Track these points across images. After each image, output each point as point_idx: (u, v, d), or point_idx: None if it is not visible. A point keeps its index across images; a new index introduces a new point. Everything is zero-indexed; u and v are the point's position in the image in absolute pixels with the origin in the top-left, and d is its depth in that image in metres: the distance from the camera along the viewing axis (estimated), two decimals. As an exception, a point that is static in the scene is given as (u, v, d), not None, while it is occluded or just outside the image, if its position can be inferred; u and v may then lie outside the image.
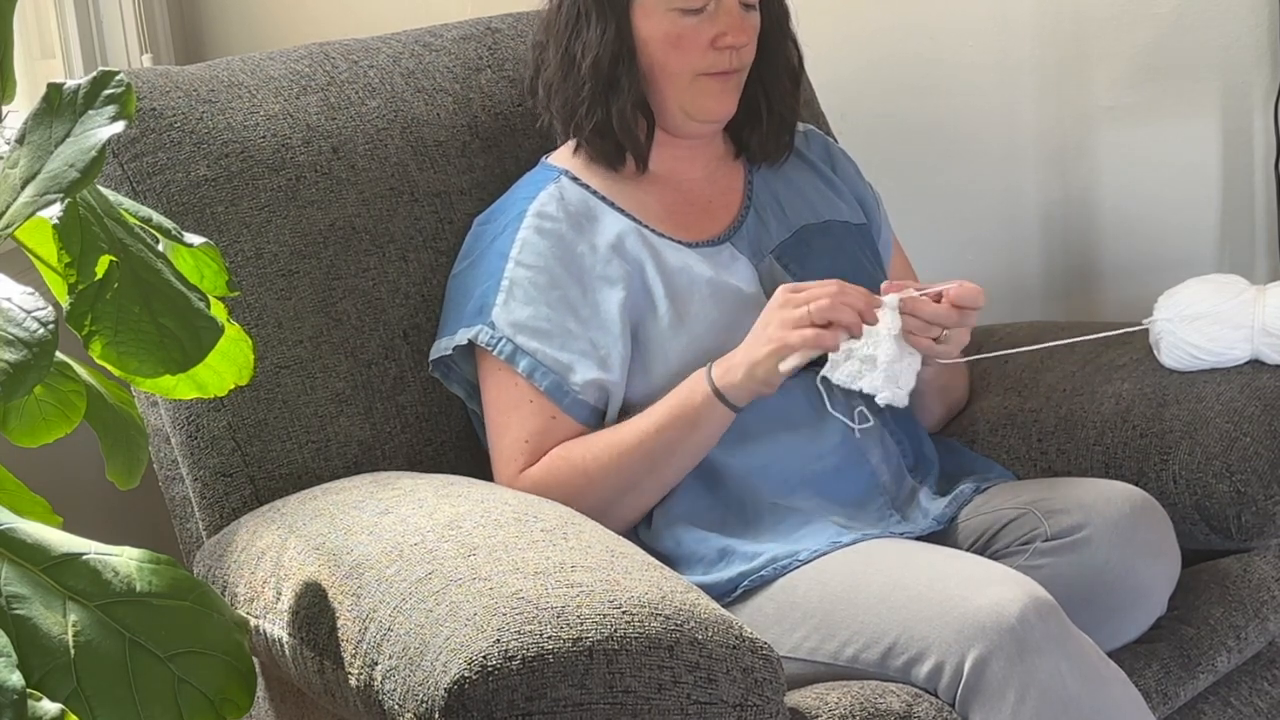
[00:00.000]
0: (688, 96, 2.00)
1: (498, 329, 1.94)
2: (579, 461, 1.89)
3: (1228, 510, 1.96)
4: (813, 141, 2.19)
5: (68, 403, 1.47)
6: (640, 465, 1.88)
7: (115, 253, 1.30)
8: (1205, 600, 1.95)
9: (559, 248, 1.97)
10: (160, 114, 1.99)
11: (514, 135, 2.18)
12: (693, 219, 2.05)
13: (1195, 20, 2.58)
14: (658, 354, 1.94)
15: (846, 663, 1.73)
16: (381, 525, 1.66)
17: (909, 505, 1.96)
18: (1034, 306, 2.74)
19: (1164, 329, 2.06)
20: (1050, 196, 2.72)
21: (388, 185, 2.07)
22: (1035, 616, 1.65)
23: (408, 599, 1.51)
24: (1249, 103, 2.58)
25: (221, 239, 1.96)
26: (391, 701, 1.46)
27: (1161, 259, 2.65)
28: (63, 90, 1.31)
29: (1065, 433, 2.08)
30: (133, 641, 1.27)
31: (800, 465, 1.94)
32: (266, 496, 1.93)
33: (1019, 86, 2.69)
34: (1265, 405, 1.99)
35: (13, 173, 1.29)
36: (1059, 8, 2.65)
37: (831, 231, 2.09)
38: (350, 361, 2.00)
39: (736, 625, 1.50)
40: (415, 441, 2.02)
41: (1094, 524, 1.84)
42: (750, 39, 2.01)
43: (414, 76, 2.16)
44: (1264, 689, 1.99)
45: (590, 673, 1.40)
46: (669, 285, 1.97)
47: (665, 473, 1.90)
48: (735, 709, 1.45)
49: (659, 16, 1.98)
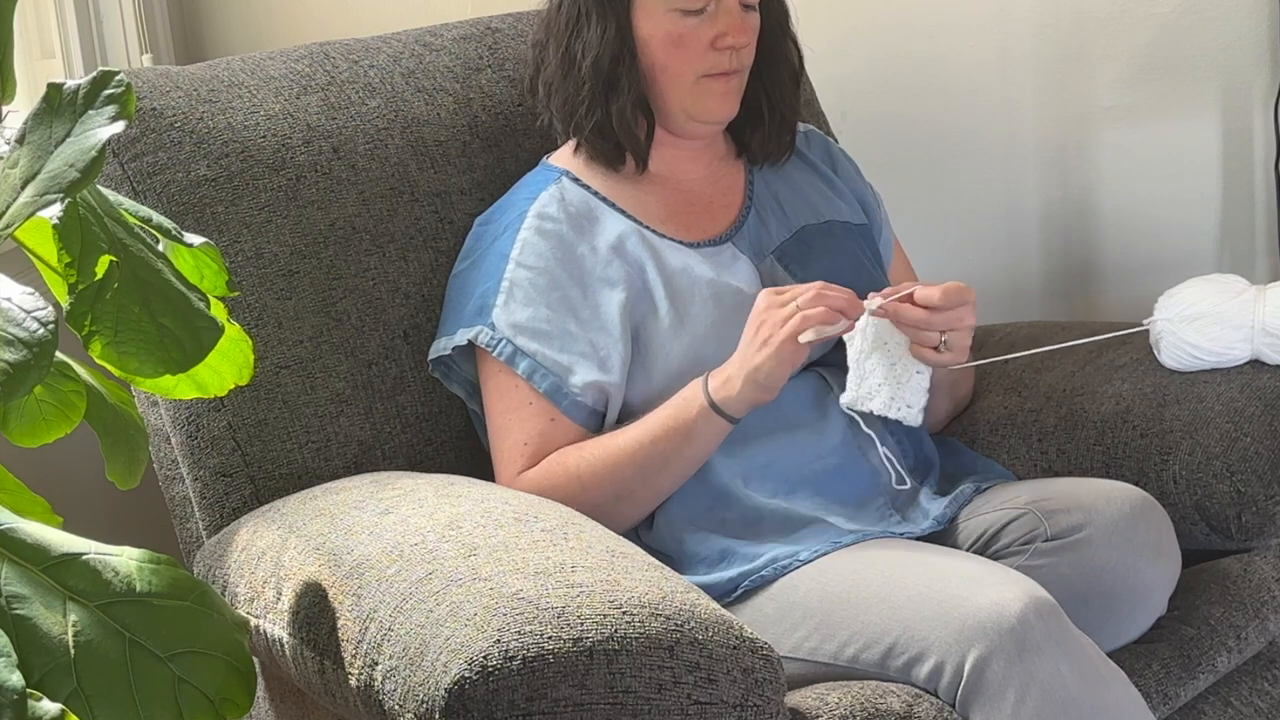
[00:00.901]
0: (690, 98, 2.00)
1: (498, 330, 1.94)
2: (574, 467, 1.89)
3: (1228, 510, 1.96)
4: (813, 141, 2.19)
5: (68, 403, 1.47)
6: (633, 475, 1.88)
7: (115, 253, 1.30)
8: (1205, 600, 1.95)
9: (560, 249, 1.97)
10: (160, 114, 1.99)
11: (514, 135, 2.18)
12: (694, 219, 2.05)
13: (1195, 20, 2.58)
14: (658, 355, 1.94)
15: (847, 663, 1.73)
16: (382, 525, 1.66)
17: (909, 505, 1.96)
18: (1034, 306, 2.74)
19: (1164, 329, 2.06)
20: (1050, 196, 2.71)
21: (388, 185, 2.07)
22: (1035, 617, 1.65)
23: (408, 599, 1.51)
24: (1249, 103, 2.58)
25: (221, 239, 1.96)
26: (392, 702, 1.46)
27: (1161, 259, 2.65)
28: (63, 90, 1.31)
29: (1065, 433, 2.08)
30: (133, 641, 1.27)
31: (800, 465, 1.94)
32: (266, 496, 1.93)
33: (1019, 86, 2.69)
34: (1265, 405, 1.99)
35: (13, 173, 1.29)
36: (1059, 7, 2.65)
37: (832, 232, 2.09)
38: (350, 361, 2.00)
39: (737, 625, 1.50)
40: (415, 441, 2.02)
41: (1094, 524, 1.84)
42: (750, 39, 2.01)
43: (414, 76, 2.16)
44: (1264, 689, 1.99)
45: (590, 673, 1.40)
46: (670, 286, 1.97)
47: (659, 482, 1.90)
48: (735, 709, 1.45)
49: (659, 17, 1.98)
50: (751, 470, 1.93)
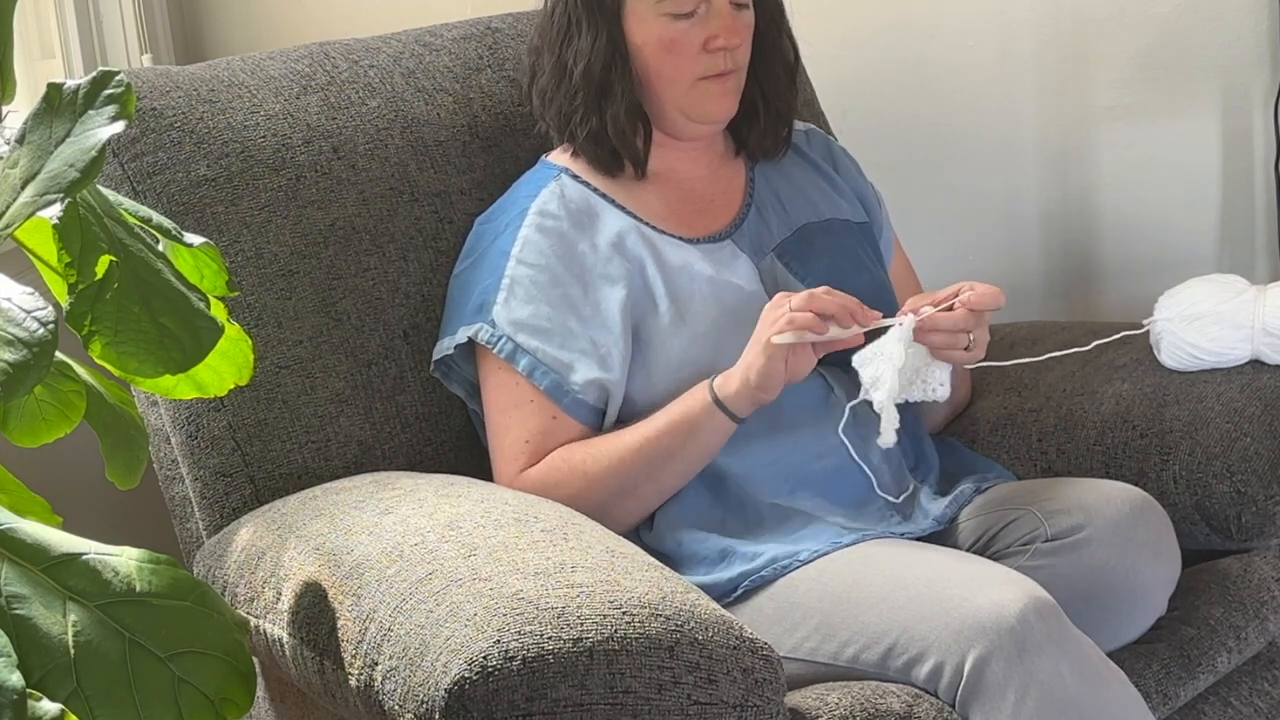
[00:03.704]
0: (687, 101, 2.00)
1: (498, 327, 1.94)
2: (578, 464, 1.89)
3: (1228, 510, 1.96)
4: (814, 141, 2.19)
5: (68, 403, 1.47)
6: (639, 470, 1.88)
7: (115, 253, 1.30)
8: (1205, 600, 1.95)
9: (560, 246, 1.97)
10: (160, 114, 1.99)
11: (514, 135, 2.18)
12: (694, 216, 2.05)
13: (1195, 20, 2.58)
14: (659, 352, 1.94)
15: (847, 663, 1.73)
16: (382, 525, 1.66)
17: (909, 505, 1.96)
18: (1034, 306, 2.74)
19: (1164, 329, 2.06)
20: (1050, 196, 2.71)
21: (388, 185, 2.07)
22: (1035, 617, 1.65)
23: (408, 599, 1.51)
24: (1249, 103, 2.58)
25: (221, 239, 1.96)
26: (392, 702, 1.46)
27: (1161, 259, 2.65)
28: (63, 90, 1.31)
29: (1065, 433, 2.08)
30: (133, 641, 1.27)
31: (800, 465, 1.94)
32: (266, 496, 1.93)
33: (1019, 86, 2.69)
34: (1265, 405, 1.99)
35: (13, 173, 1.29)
36: (1059, 8, 2.65)
37: (833, 230, 2.09)
38: (350, 361, 2.00)
39: (737, 626, 1.50)
40: (415, 441, 2.02)
41: (1094, 524, 1.84)
42: (744, 39, 2.00)
43: (414, 76, 2.16)
44: (1264, 689, 1.99)
45: (590, 673, 1.40)
46: (670, 283, 1.97)
47: (664, 479, 1.90)
48: (735, 709, 1.45)
49: (650, 22, 1.98)
50: (752, 470, 1.93)
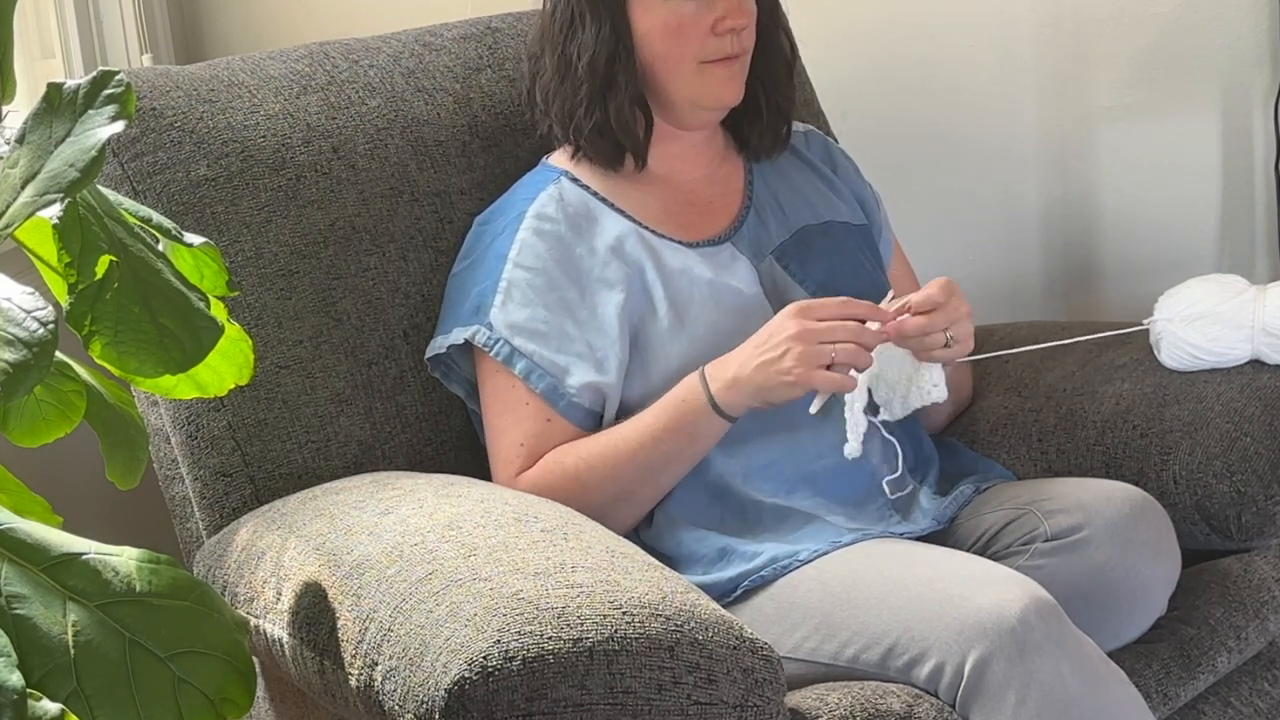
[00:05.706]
0: (694, 86, 2.00)
1: (495, 330, 1.94)
2: (572, 468, 1.89)
3: (1228, 510, 1.96)
4: (813, 142, 2.19)
5: (68, 403, 1.47)
6: (635, 475, 1.88)
7: (115, 253, 1.30)
8: (1205, 600, 1.95)
9: (558, 250, 1.97)
10: (160, 114, 1.99)
11: (514, 135, 2.18)
12: (693, 219, 2.05)
13: (1195, 20, 2.58)
14: (658, 356, 1.94)
15: (847, 663, 1.73)
16: (382, 525, 1.66)
17: (909, 505, 1.96)
18: (1034, 306, 2.74)
19: (1164, 329, 2.06)
20: (1050, 196, 2.71)
21: (388, 185, 2.07)
22: (1036, 617, 1.65)
23: (408, 599, 1.51)
24: (1249, 103, 2.58)
25: (221, 239, 1.96)
26: (391, 702, 1.46)
27: (1161, 259, 2.65)
28: (63, 90, 1.31)
29: (1065, 433, 2.08)
30: (133, 641, 1.27)
31: (800, 465, 1.94)
32: (266, 496, 1.93)
33: (1019, 87, 2.69)
34: (1265, 405, 1.99)
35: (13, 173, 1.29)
36: (1059, 8, 2.65)
37: (832, 232, 2.09)
38: (350, 361, 2.00)
39: (737, 626, 1.50)
40: (415, 441, 2.02)
41: (1094, 524, 1.84)
42: (750, 21, 2.01)
43: (414, 76, 2.16)
44: (1264, 689, 1.99)
45: (590, 673, 1.40)
46: (669, 287, 1.97)
47: (660, 481, 1.90)
48: (735, 709, 1.45)
49: (656, 7, 1.98)
50: (751, 469, 1.93)
